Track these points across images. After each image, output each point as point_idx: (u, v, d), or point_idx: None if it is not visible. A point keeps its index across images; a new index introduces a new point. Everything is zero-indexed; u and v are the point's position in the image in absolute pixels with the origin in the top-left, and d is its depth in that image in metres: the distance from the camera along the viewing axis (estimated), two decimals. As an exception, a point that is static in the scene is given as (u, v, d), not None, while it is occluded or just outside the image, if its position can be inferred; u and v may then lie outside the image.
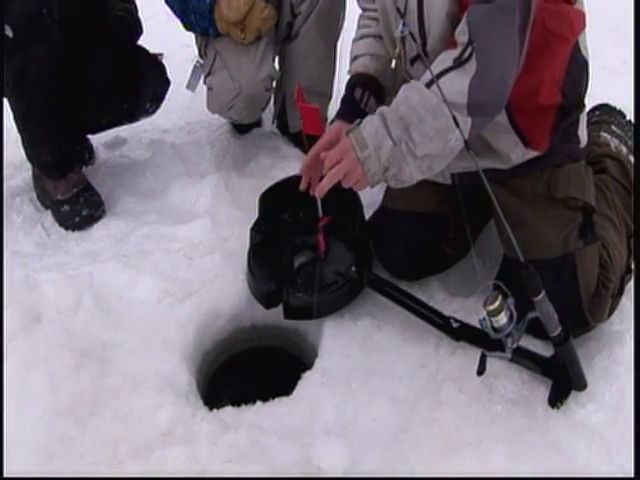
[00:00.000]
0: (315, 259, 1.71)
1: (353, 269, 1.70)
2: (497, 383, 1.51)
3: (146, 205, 2.20)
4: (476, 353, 1.52)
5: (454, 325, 1.58)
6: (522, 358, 1.49)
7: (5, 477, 1.35)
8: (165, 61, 2.29)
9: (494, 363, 1.46)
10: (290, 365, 1.77)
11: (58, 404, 1.48)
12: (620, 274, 1.63)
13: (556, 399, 1.47)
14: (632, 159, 1.87)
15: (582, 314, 1.55)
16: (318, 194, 1.48)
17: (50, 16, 1.94)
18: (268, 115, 2.51)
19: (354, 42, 1.75)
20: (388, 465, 1.41)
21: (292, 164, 2.18)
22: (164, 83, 2.27)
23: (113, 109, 2.22)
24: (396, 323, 1.68)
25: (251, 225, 1.81)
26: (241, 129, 2.51)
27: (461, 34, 1.36)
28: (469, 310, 1.67)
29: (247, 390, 1.72)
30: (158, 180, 2.30)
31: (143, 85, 2.21)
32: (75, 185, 2.17)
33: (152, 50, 2.27)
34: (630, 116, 1.98)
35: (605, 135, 1.91)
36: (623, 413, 1.44)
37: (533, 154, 1.58)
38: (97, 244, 2.03)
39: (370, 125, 1.40)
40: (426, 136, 1.36)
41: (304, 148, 1.77)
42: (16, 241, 2.06)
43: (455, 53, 1.36)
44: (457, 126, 1.30)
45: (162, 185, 2.27)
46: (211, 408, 1.56)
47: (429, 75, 1.36)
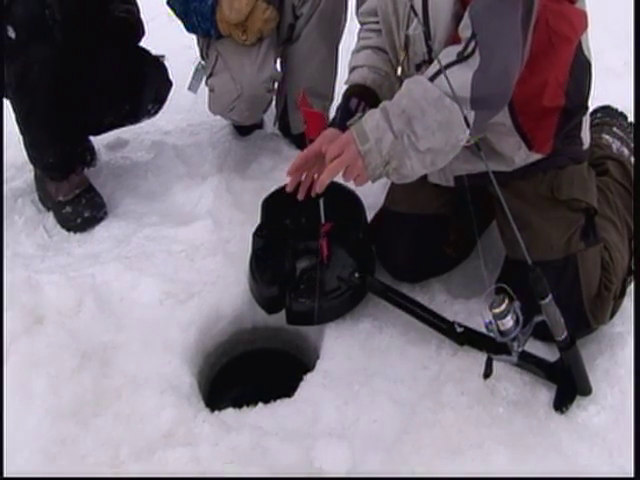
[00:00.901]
0: (318, 264, 1.71)
1: (356, 275, 1.70)
2: (499, 385, 1.51)
3: (148, 207, 2.20)
4: (477, 355, 1.54)
5: (458, 330, 1.58)
6: (527, 362, 1.49)
7: (5, 477, 1.35)
8: (167, 63, 2.30)
9: (496, 365, 1.45)
10: (291, 367, 1.78)
11: (60, 406, 1.48)
12: (622, 276, 1.63)
13: (561, 404, 1.47)
14: (633, 160, 1.87)
15: (584, 316, 1.55)
16: (318, 188, 1.47)
17: (52, 17, 1.94)
18: (270, 117, 2.52)
19: (353, 54, 1.74)
20: (389, 466, 1.41)
21: None
22: (166, 84, 2.28)
23: (115, 110, 2.22)
24: (398, 325, 1.68)
25: (253, 230, 1.81)
26: (243, 131, 2.51)
27: (464, 29, 1.35)
28: (471, 312, 1.67)
29: (249, 392, 1.73)
30: (160, 182, 2.30)
31: (145, 86, 2.22)
32: (77, 186, 2.18)
33: (154, 52, 2.28)
34: (631, 118, 1.98)
35: (607, 137, 1.92)
36: (625, 415, 1.44)
37: (537, 157, 1.58)
38: (99, 246, 2.03)
39: (371, 118, 1.40)
40: (429, 129, 1.35)
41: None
42: (18, 242, 2.07)
43: (459, 48, 1.36)
44: (464, 119, 1.29)
45: (164, 187, 2.27)
46: (213, 410, 1.56)
47: (432, 70, 1.36)
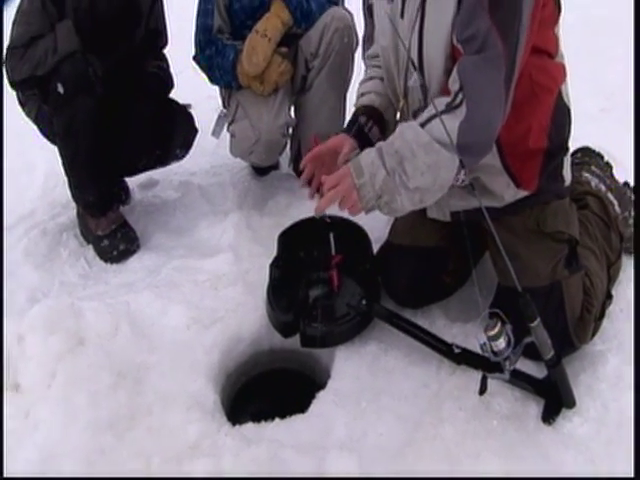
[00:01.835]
0: (329, 293, 1.73)
1: (364, 302, 1.70)
2: (493, 401, 1.52)
3: (176, 241, 2.25)
4: (473, 374, 1.54)
5: (456, 351, 1.58)
6: (518, 379, 1.50)
7: (5, 477, 1.37)
8: (193, 111, 2.35)
9: (490, 382, 1.47)
10: (305, 385, 1.78)
11: (99, 419, 1.51)
12: (602, 299, 1.65)
13: (549, 416, 1.48)
14: (610, 196, 1.89)
15: (568, 336, 1.57)
16: (317, 212, 1.51)
17: (95, 74, 2.04)
18: (285, 159, 2.55)
19: (361, 83, 1.78)
20: (394, 475, 1.42)
21: (308, 203, 2.05)
22: (193, 131, 2.33)
23: (147, 155, 2.29)
24: (401, 347, 1.69)
25: (270, 261, 1.83)
26: (261, 171, 2.55)
27: (453, 82, 1.40)
28: (468, 334, 1.68)
29: (266, 408, 1.73)
30: (187, 218, 2.35)
31: (174, 134, 2.27)
32: (113, 222, 2.24)
33: (181, 101, 2.34)
34: (607, 157, 2.00)
35: (586, 175, 1.93)
36: (607, 426, 1.45)
37: (524, 193, 1.59)
38: (133, 275, 2.08)
39: (367, 156, 1.43)
40: (418, 170, 1.38)
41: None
42: (63, 272, 2.13)
43: (448, 99, 1.40)
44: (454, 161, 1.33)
45: (190, 223, 2.32)
46: (234, 424, 1.58)
47: (424, 116, 1.41)
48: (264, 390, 1.84)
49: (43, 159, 2.64)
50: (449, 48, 1.42)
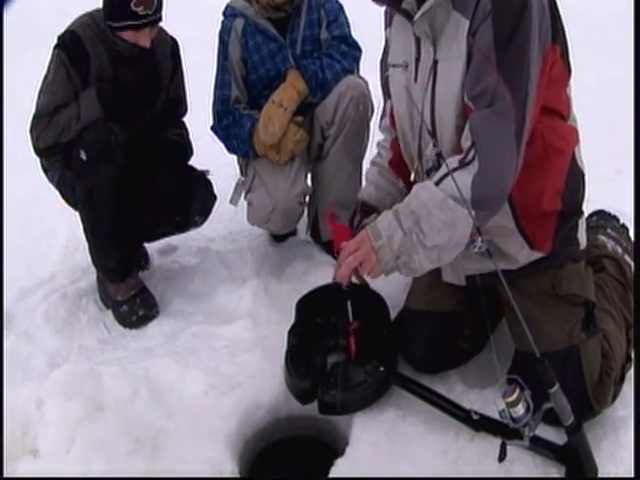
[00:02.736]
0: (347, 360, 1.74)
1: (381, 369, 1.71)
2: (513, 468, 1.52)
3: (194, 306, 2.29)
4: (492, 440, 1.54)
5: (474, 417, 1.59)
6: (538, 445, 1.50)
7: (5, 477, 1.38)
8: (211, 177, 2.41)
9: (510, 449, 1.47)
10: (323, 452, 1.78)
11: None
12: (621, 363, 1.66)
13: None
14: (627, 258, 1.92)
15: (588, 401, 1.58)
16: (339, 280, 1.55)
17: (117, 142, 2.13)
18: (302, 225, 2.60)
19: (370, 163, 1.89)
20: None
21: (325, 270, 2.23)
22: (211, 199, 2.39)
23: (166, 221, 2.35)
24: (419, 413, 1.70)
25: (288, 328, 1.86)
26: (278, 238, 2.60)
27: (465, 140, 1.46)
28: (486, 400, 1.69)
29: (285, 475, 1.75)
30: (205, 284, 2.40)
31: (193, 201, 2.34)
32: (133, 288, 2.29)
33: (200, 167, 2.41)
34: (622, 220, 2.03)
35: (602, 238, 1.97)
36: None
37: (538, 255, 1.63)
38: (151, 341, 2.12)
39: (385, 219, 1.49)
40: (434, 227, 1.43)
41: (336, 257, 1.80)
42: (82, 337, 2.17)
43: (461, 156, 1.46)
44: (469, 215, 1.37)
45: (208, 288, 2.36)
46: None
47: (438, 175, 1.47)
48: (282, 457, 1.84)
49: (64, 224, 2.72)
50: (460, 106, 1.49)
